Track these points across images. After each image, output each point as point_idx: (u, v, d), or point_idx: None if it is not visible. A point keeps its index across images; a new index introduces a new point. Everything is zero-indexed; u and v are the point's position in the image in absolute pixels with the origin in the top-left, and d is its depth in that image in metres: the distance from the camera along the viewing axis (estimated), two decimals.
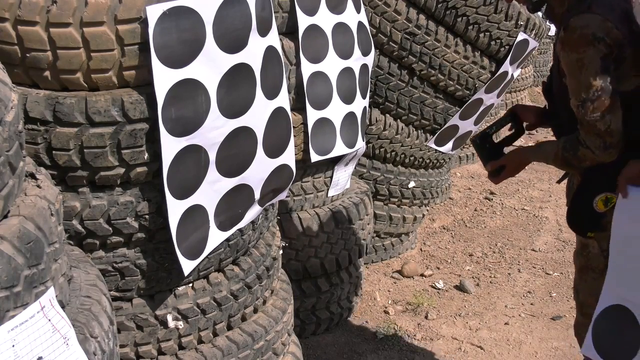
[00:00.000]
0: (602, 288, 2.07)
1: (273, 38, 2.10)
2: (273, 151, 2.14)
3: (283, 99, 2.15)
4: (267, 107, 2.07)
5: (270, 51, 2.07)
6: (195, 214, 1.92)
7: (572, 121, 2.02)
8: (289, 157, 2.23)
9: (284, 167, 2.21)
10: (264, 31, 2.02)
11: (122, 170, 1.78)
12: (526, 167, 2.41)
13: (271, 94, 2.09)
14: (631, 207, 1.95)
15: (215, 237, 2.03)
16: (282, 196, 2.30)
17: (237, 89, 1.93)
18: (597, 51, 1.87)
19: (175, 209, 1.85)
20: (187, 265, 1.94)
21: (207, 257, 2.02)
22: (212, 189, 1.96)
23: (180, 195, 1.86)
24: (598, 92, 1.89)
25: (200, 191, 1.92)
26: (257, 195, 2.12)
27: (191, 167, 1.87)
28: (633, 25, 1.92)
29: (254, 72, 1.97)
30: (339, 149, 2.80)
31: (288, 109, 2.19)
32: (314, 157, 2.71)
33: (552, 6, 2.10)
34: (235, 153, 2.00)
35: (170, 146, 1.79)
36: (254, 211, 2.15)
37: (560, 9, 2.05)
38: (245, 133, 2.00)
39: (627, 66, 1.92)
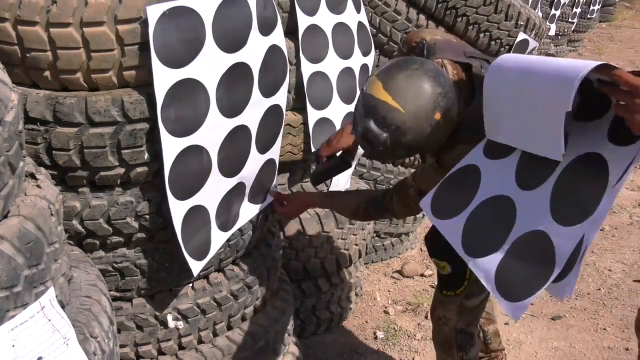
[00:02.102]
0: None
1: (277, 37, 2.09)
2: (264, 147, 2.15)
3: (280, 97, 2.16)
4: (263, 104, 2.07)
5: (272, 50, 2.07)
6: (198, 214, 1.92)
7: None
8: (275, 152, 2.24)
9: (270, 162, 2.22)
10: (266, 30, 2.02)
11: (122, 170, 1.78)
12: None
13: (269, 92, 2.09)
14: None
15: (218, 237, 2.03)
16: (269, 199, 2.30)
17: (235, 88, 1.93)
18: None
19: (178, 210, 1.85)
20: (195, 266, 1.94)
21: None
22: (214, 190, 1.96)
23: (182, 196, 1.86)
24: None
25: (202, 192, 1.92)
26: (247, 191, 2.12)
27: (193, 167, 1.87)
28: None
29: (252, 70, 1.98)
30: None
31: (284, 106, 2.19)
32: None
33: None
34: (235, 152, 2.00)
35: (171, 147, 1.79)
36: (246, 208, 2.15)
37: None
38: (241, 132, 2.00)
39: None
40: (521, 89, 1.61)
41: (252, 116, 2.04)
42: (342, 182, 3.08)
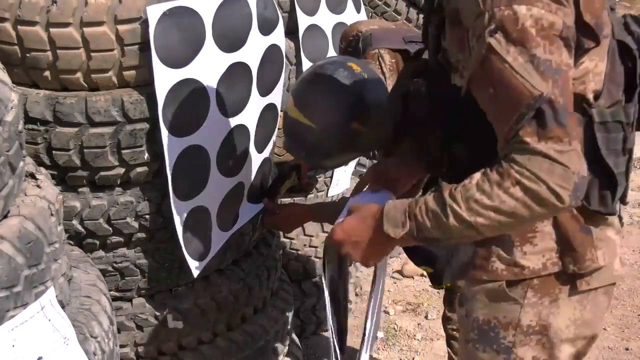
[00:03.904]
0: None
1: (277, 37, 2.09)
2: (261, 146, 2.15)
3: (276, 96, 2.16)
4: (260, 103, 2.07)
5: (272, 49, 2.07)
6: (199, 215, 1.92)
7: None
8: (270, 151, 2.24)
9: (266, 161, 2.22)
10: (267, 30, 2.02)
11: (122, 170, 1.78)
12: None
13: (266, 91, 2.09)
14: None
15: (218, 237, 2.03)
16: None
17: (234, 88, 1.93)
18: None
19: (180, 210, 1.85)
20: (195, 267, 1.94)
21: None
22: (215, 190, 1.96)
23: (185, 196, 1.86)
24: None
25: (204, 192, 1.92)
26: (246, 191, 2.12)
27: (195, 168, 1.87)
28: None
29: (251, 70, 1.98)
30: None
31: (279, 105, 2.19)
32: None
33: None
34: (234, 152, 2.00)
35: (173, 147, 1.78)
36: (245, 208, 2.15)
37: None
38: (241, 131, 2.00)
39: None
40: None
41: (250, 115, 2.04)
42: (342, 182, 3.08)
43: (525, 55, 1.18)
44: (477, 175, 1.24)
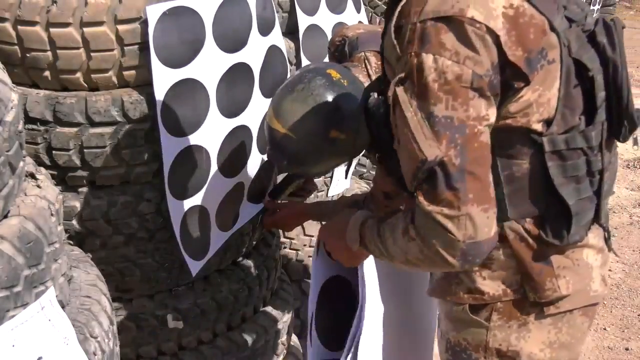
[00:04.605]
0: None
1: (276, 37, 2.10)
2: (264, 146, 2.15)
3: None
4: (263, 104, 2.07)
5: (272, 50, 2.07)
6: (197, 214, 1.92)
7: None
8: None
9: (269, 161, 2.22)
10: (265, 30, 2.02)
11: (122, 170, 1.78)
12: None
13: (269, 92, 2.09)
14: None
15: (218, 237, 2.03)
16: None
17: (235, 89, 1.93)
18: None
19: (177, 209, 1.85)
20: (194, 266, 1.94)
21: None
22: (214, 190, 1.96)
23: (182, 195, 1.86)
24: None
25: (202, 192, 1.92)
26: (246, 191, 2.12)
27: (193, 167, 1.87)
28: None
29: (253, 71, 1.98)
30: None
31: None
32: None
33: None
34: (235, 153, 2.00)
35: (171, 146, 1.78)
36: (246, 208, 2.15)
37: None
38: (242, 132, 2.00)
39: None
40: None
41: (253, 116, 2.04)
42: (342, 182, 3.08)
43: (425, 111, 1.16)
44: (399, 215, 1.29)
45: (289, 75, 2.17)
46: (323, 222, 2.90)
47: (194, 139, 1.84)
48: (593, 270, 1.39)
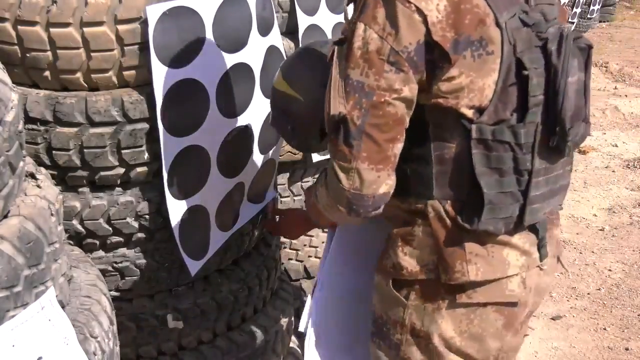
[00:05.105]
0: None
1: (275, 37, 2.10)
2: (265, 147, 2.15)
3: None
4: (264, 105, 2.07)
5: (272, 50, 2.07)
6: (197, 214, 1.92)
7: None
8: (276, 152, 2.24)
9: (270, 162, 2.22)
10: (265, 31, 2.02)
11: (122, 170, 1.78)
12: None
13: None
14: None
15: (217, 237, 2.03)
16: (270, 196, 2.27)
17: (236, 89, 1.93)
18: None
19: (176, 209, 1.85)
20: (193, 266, 1.94)
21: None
22: (214, 190, 1.96)
23: (181, 195, 1.86)
24: None
25: (202, 192, 1.92)
26: (247, 191, 2.12)
27: (193, 168, 1.87)
28: None
29: (254, 71, 1.98)
30: None
31: None
32: (315, 157, 2.71)
33: None
34: (235, 153, 2.00)
35: (171, 146, 1.79)
36: (246, 208, 2.15)
37: None
38: (243, 132, 2.00)
39: None
40: None
41: (254, 116, 2.04)
42: None
43: (343, 73, 1.30)
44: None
45: None
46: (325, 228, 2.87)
47: (194, 139, 1.84)
48: (510, 269, 1.43)
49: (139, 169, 1.80)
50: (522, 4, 1.34)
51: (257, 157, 2.12)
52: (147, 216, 1.84)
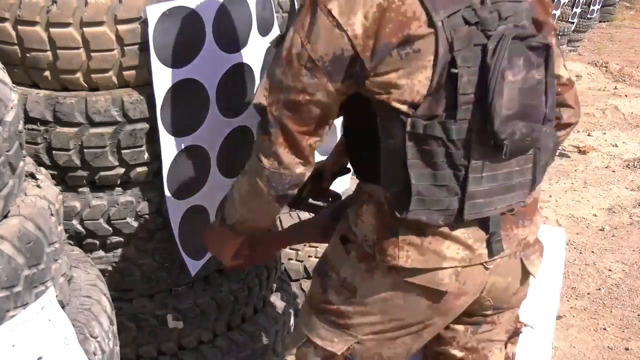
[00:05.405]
0: None
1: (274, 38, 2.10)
2: None
3: None
4: None
5: (271, 51, 2.07)
6: (197, 214, 1.92)
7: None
8: None
9: None
10: (264, 31, 2.02)
11: (122, 170, 1.78)
12: None
13: None
14: None
15: None
16: None
17: (236, 89, 1.93)
18: None
19: (176, 209, 1.85)
20: (193, 265, 1.94)
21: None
22: (214, 190, 1.96)
23: (181, 195, 1.86)
24: None
25: (202, 192, 1.92)
26: None
27: (193, 168, 1.87)
28: None
29: (254, 71, 1.98)
30: None
31: None
32: (315, 157, 2.71)
33: None
34: (235, 153, 2.00)
35: (170, 146, 1.79)
36: None
37: None
38: (243, 132, 2.00)
39: None
40: None
41: (254, 117, 2.03)
42: (342, 182, 3.07)
43: (271, 69, 1.42)
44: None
45: None
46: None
47: (194, 139, 1.84)
48: (445, 261, 1.47)
49: (139, 169, 1.80)
50: (472, 1, 1.35)
51: None
52: (147, 216, 1.84)
